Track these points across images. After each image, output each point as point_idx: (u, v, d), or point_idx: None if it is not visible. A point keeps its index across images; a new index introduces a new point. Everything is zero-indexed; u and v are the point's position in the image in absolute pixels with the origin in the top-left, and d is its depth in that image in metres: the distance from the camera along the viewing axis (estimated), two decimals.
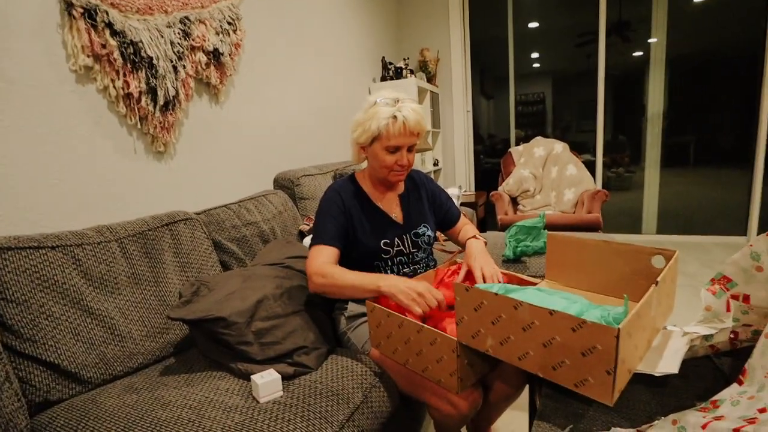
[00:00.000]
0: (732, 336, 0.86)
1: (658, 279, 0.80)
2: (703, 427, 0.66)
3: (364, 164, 1.43)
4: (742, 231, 3.86)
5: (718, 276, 0.85)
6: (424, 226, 1.42)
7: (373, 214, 1.38)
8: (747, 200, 3.78)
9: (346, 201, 1.35)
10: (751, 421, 0.62)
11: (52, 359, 1.08)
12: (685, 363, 0.91)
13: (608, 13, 3.90)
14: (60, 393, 1.09)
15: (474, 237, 1.41)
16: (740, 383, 0.75)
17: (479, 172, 4.69)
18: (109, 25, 1.52)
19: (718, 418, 0.67)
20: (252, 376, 1.08)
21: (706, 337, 0.84)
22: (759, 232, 3.77)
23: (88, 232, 1.29)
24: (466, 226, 1.51)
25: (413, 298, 1.06)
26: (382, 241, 1.34)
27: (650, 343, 0.84)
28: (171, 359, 1.31)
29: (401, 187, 1.47)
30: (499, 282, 1.19)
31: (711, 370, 0.91)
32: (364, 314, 1.32)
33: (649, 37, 3.91)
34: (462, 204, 3.58)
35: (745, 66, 3.65)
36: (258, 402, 1.05)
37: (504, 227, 3.17)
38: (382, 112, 1.24)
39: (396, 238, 1.37)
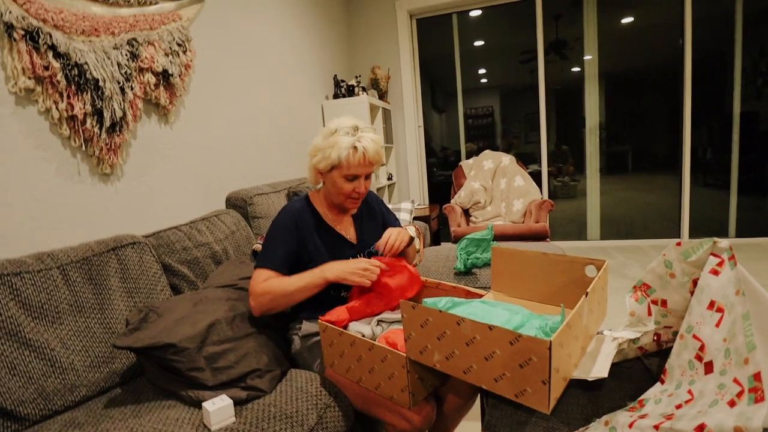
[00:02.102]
0: (655, 338, 0.94)
1: (588, 290, 0.86)
2: (630, 426, 0.72)
3: (320, 184, 1.46)
4: (677, 233, 4.15)
5: (639, 283, 0.93)
6: None
7: (328, 236, 1.41)
8: (678, 203, 4.07)
9: (300, 225, 1.37)
10: (669, 417, 0.69)
11: None
12: (618, 365, 0.98)
13: (545, 33, 4.14)
14: None
15: None
16: (662, 382, 0.82)
17: (433, 185, 4.80)
18: (53, 47, 1.48)
19: (643, 417, 0.74)
20: (203, 404, 1.07)
21: (634, 341, 0.92)
22: (690, 233, 4.06)
23: (28, 259, 1.23)
24: None
25: (361, 275, 1.21)
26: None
27: (584, 350, 0.90)
28: (117, 390, 1.26)
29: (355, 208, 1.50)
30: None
31: (641, 371, 0.98)
32: (317, 333, 1.33)
33: (584, 55, 4.18)
34: (416, 218, 3.65)
35: (669, 80, 3.99)
36: (209, 430, 1.03)
37: (457, 239, 3.26)
38: (343, 141, 1.28)
39: (351, 258, 1.39)
